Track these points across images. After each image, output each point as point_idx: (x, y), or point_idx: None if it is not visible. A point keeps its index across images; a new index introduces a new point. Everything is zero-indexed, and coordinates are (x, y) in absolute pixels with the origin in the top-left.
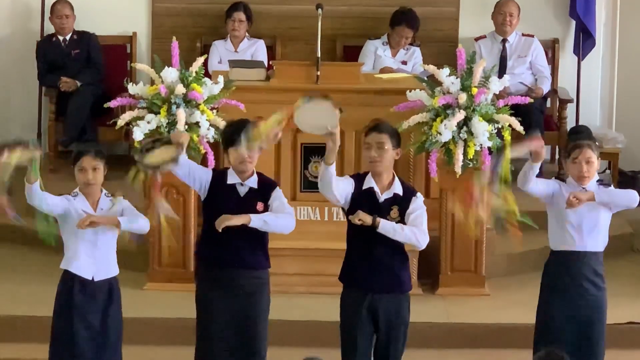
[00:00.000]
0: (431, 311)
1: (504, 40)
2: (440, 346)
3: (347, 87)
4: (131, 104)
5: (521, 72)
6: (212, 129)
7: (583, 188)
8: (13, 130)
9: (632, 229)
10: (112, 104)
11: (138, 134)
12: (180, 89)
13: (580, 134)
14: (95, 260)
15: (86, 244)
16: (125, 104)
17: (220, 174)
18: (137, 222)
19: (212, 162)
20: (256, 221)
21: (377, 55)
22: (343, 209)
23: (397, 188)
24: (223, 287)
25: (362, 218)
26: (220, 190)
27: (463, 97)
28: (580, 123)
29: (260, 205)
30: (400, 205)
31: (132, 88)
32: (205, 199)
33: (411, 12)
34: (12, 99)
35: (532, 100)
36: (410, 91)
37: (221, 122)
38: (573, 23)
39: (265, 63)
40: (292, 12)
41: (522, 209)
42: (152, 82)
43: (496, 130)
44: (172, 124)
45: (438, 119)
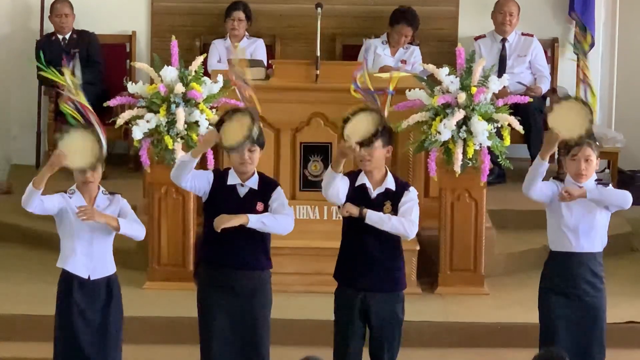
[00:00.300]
0: (430, 310)
1: (504, 40)
2: (439, 345)
3: (347, 86)
4: (130, 103)
5: (520, 71)
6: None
7: (580, 186)
8: (12, 129)
9: (631, 228)
10: (112, 102)
11: (137, 133)
12: (179, 88)
13: None
14: (91, 258)
15: (82, 242)
16: (124, 102)
17: (221, 175)
18: (134, 227)
19: (211, 162)
20: (254, 222)
21: (376, 54)
22: (338, 207)
23: (390, 183)
24: (224, 287)
25: (349, 210)
26: (221, 190)
27: (462, 97)
28: None
29: (260, 206)
30: (393, 200)
31: (131, 87)
32: (206, 200)
33: (410, 10)
34: (11, 98)
35: (531, 100)
36: (409, 90)
37: None
38: (572, 22)
39: (265, 62)
40: (291, 11)
41: (517, 208)
42: (152, 81)
43: (495, 130)
44: (171, 123)
45: (437, 118)
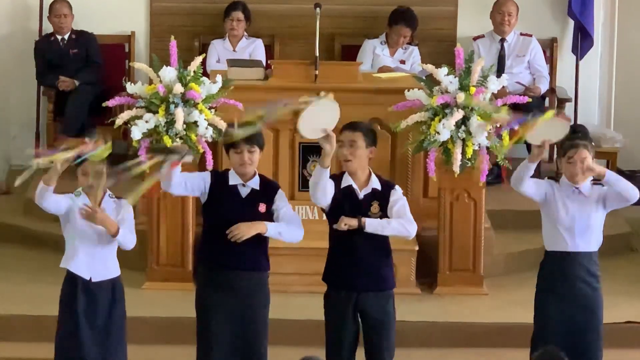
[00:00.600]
0: (429, 310)
1: (502, 40)
2: (438, 345)
3: (346, 86)
4: (129, 103)
5: (519, 71)
6: (211, 129)
7: (576, 188)
8: (11, 130)
9: (630, 228)
10: (111, 103)
11: (136, 133)
12: (178, 88)
13: (577, 133)
14: (93, 260)
15: (86, 244)
16: (123, 103)
17: (221, 175)
18: (127, 238)
19: (210, 162)
20: (271, 231)
21: (375, 54)
22: (323, 210)
23: (375, 183)
24: (223, 288)
25: (347, 222)
26: (222, 191)
27: (461, 97)
28: (578, 122)
29: (262, 207)
30: (380, 200)
31: (130, 87)
32: (206, 201)
33: (409, 10)
34: (10, 98)
35: (530, 100)
36: (408, 90)
37: (219, 122)
38: (571, 22)
39: (264, 62)
40: (290, 11)
41: (516, 208)
42: (151, 82)
43: (494, 130)
44: (170, 123)
45: (436, 118)
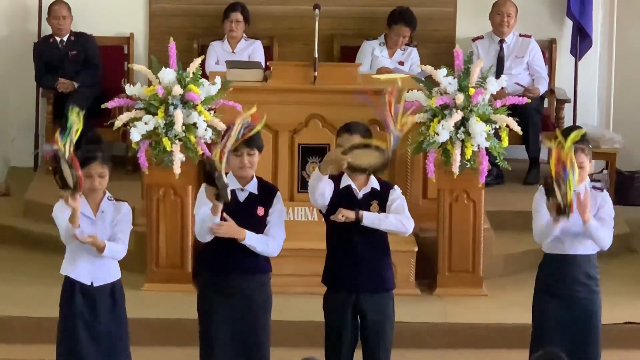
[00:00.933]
0: (429, 311)
1: (502, 41)
2: (438, 346)
3: (345, 87)
4: (128, 105)
5: (518, 72)
6: (210, 130)
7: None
8: (11, 132)
9: (629, 229)
10: (110, 104)
11: (135, 135)
12: (177, 90)
13: None
14: (94, 265)
15: (85, 249)
16: (122, 104)
17: None
18: (116, 251)
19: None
20: (247, 242)
21: (374, 55)
22: (320, 211)
23: (374, 183)
24: (225, 291)
25: (345, 214)
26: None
27: (460, 98)
28: (577, 123)
29: (260, 210)
30: (379, 199)
31: (129, 89)
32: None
33: (408, 10)
34: (9, 100)
35: (529, 101)
36: (407, 91)
37: (219, 123)
38: (570, 23)
39: (263, 64)
40: (289, 13)
41: (516, 209)
42: (150, 83)
43: (493, 131)
44: (169, 125)
45: (435, 120)
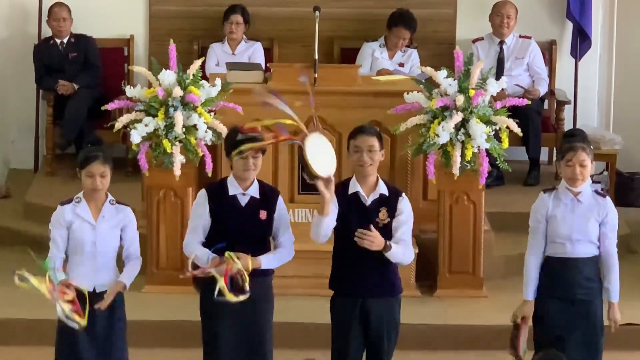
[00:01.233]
0: (429, 313)
1: (502, 42)
2: (438, 348)
3: (345, 89)
4: (129, 106)
5: (518, 73)
6: (210, 132)
7: (575, 197)
8: (11, 134)
9: (629, 230)
10: (110, 106)
11: (135, 137)
12: (177, 92)
13: (575, 137)
14: (95, 272)
15: (86, 255)
16: (122, 106)
17: (218, 187)
18: (135, 271)
19: (209, 165)
20: (265, 267)
21: (374, 57)
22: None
23: (382, 189)
24: None
25: (375, 241)
26: (222, 203)
27: (460, 99)
28: (577, 124)
29: (263, 214)
30: (388, 206)
31: (129, 91)
32: (209, 213)
33: (408, 13)
34: (9, 102)
35: (529, 102)
36: (407, 93)
37: (219, 125)
38: (570, 24)
39: (263, 65)
40: (289, 15)
41: (516, 210)
42: (150, 85)
43: (494, 132)
44: (169, 126)
45: (435, 121)
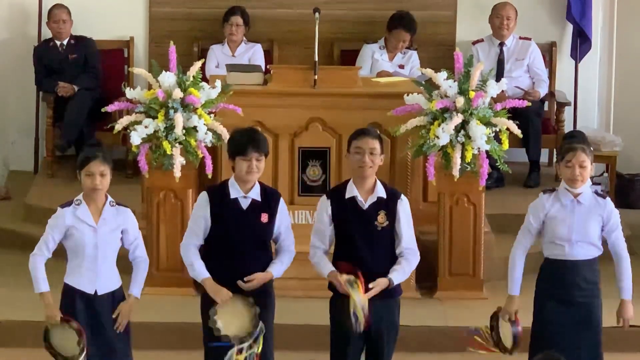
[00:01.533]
0: (429, 315)
1: (502, 44)
2: (438, 350)
3: (345, 91)
4: (129, 108)
5: (519, 75)
6: (210, 134)
7: (575, 198)
8: (10, 135)
9: (630, 231)
10: (110, 108)
11: (135, 139)
12: (177, 94)
13: (574, 138)
14: (97, 274)
15: (87, 258)
16: (122, 108)
17: (219, 189)
18: (143, 277)
19: (209, 167)
20: (276, 274)
21: (374, 59)
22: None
23: (380, 191)
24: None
25: (377, 288)
26: (223, 205)
27: (460, 101)
28: (577, 126)
29: (264, 217)
30: (386, 209)
31: (129, 92)
32: (210, 216)
33: (408, 15)
34: (9, 103)
35: (529, 104)
36: (407, 95)
37: (219, 127)
38: (570, 26)
39: (263, 67)
40: (289, 16)
41: (516, 212)
42: (150, 87)
43: (494, 134)
44: (169, 128)
45: (436, 123)
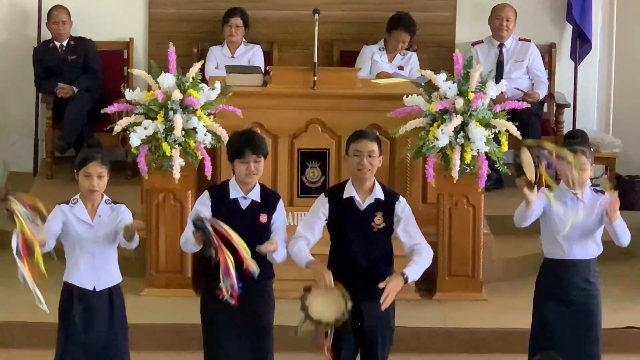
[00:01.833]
0: (429, 316)
1: (501, 45)
2: (437, 351)
3: (344, 92)
4: (128, 109)
5: (518, 76)
6: (209, 135)
7: (575, 194)
8: (10, 137)
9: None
10: (109, 109)
11: (135, 140)
12: (177, 95)
13: (576, 138)
14: (95, 270)
15: (85, 254)
16: (122, 109)
17: (220, 189)
18: (135, 242)
19: (209, 169)
20: (278, 256)
21: (373, 60)
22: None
23: (378, 193)
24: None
25: (396, 289)
26: (223, 205)
27: (460, 102)
28: (577, 128)
29: (263, 217)
30: (383, 211)
31: (129, 94)
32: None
33: (408, 16)
34: (9, 104)
35: (529, 105)
36: (407, 96)
37: (218, 128)
38: (570, 27)
39: (262, 68)
40: (289, 17)
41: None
42: (149, 88)
43: (493, 135)
44: (169, 129)
45: (435, 124)
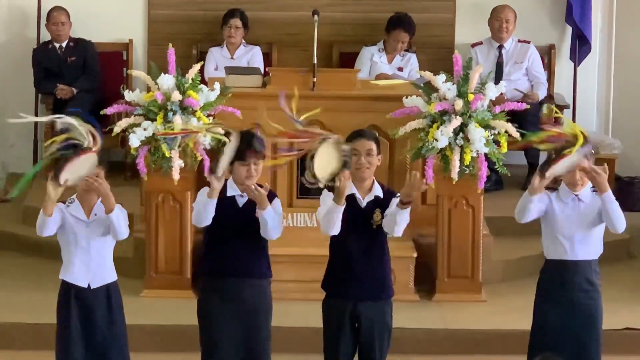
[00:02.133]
0: (428, 317)
1: (500, 47)
2: (437, 352)
3: (344, 93)
4: (127, 110)
5: (517, 78)
6: (209, 136)
7: (576, 195)
8: (9, 137)
9: (629, 234)
10: (109, 110)
11: (134, 141)
12: (176, 96)
13: None
14: (89, 267)
15: (80, 251)
16: (121, 110)
17: None
18: (121, 224)
19: (208, 170)
20: (266, 215)
21: (373, 61)
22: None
23: (377, 191)
24: (226, 296)
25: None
26: (220, 202)
27: (459, 104)
28: None
29: (259, 214)
30: (382, 208)
31: (128, 95)
32: None
33: (407, 16)
34: (8, 106)
35: (528, 106)
36: (406, 97)
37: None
38: (569, 29)
39: (262, 70)
40: (288, 19)
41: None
42: (149, 89)
43: (492, 137)
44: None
45: (434, 125)
